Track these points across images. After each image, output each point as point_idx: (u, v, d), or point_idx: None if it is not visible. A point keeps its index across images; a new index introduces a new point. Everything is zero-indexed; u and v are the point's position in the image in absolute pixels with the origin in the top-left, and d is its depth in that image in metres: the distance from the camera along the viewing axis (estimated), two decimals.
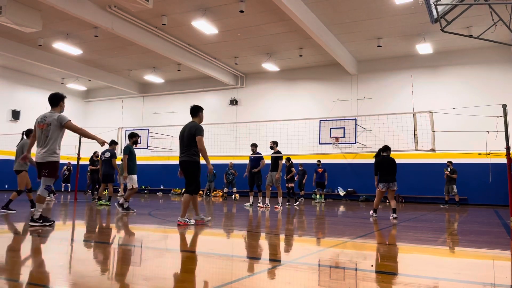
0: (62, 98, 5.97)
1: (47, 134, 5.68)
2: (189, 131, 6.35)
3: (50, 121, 5.71)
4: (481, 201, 15.21)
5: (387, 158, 8.57)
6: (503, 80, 15.34)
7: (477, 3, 7.51)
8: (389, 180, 8.37)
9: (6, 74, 20.50)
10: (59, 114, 5.82)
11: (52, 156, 5.72)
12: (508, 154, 8.23)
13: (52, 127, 5.69)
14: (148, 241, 5.18)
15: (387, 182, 8.37)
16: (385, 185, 8.37)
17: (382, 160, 8.56)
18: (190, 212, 6.88)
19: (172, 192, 20.51)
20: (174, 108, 21.94)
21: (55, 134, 5.71)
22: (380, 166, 8.50)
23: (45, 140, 5.71)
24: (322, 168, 15.76)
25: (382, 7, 12.64)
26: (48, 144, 5.69)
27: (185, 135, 6.38)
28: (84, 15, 12.24)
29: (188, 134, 6.33)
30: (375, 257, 4.33)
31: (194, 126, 6.38)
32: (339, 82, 18.14)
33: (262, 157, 11.75)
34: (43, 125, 5.72)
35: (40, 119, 5.81)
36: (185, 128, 6.49)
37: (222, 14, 13.29)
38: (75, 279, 3.00)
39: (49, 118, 5.73)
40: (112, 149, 11.45)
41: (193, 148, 6.31)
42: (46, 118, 5.75)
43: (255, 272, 3.34)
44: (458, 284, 3.00)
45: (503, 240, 5.72)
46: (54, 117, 5.74)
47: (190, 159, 6.31)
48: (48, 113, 5.85)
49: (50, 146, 5.69)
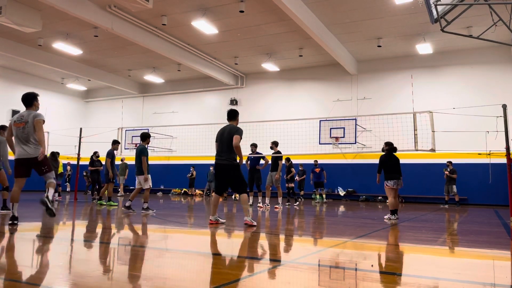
0: (35, 97, 6.01)
1: (26, 131, 5.73)
2: (229, 133, 6.37)
3: (28, 119, 5.76)
4: (481, 201, 15.21)
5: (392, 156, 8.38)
6: (503, 80, 15.33)
7: (477, 3, 7.51)
8: (396, 177, 8.17)
9: (6, 74, 20.50)
10: (35, 112, 5.90)
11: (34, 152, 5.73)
12: (508, 154, 8.23)
13: (30, 124, 5.76)
14: (148, 241, 5.18)
15: (397, 179, 8.16)
16: (395, 182, 8.15)
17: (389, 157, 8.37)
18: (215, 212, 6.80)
19: (172, 192, 20.51)
20: (174, 108, 21.94)
21: (32, 132, 5.75)
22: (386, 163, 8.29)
23: (26, 138, 5.74)
24: (319, 168, 15.75)
25: (382, 7, 12.64)
26: (30, 141, 5.73)
27: (224, 137, 6.41)
28: (84, 15, 12.24)
29: (228, 136, 6.36)
30: (375, 257, 4.33)
31: (234, 127, 6.46)
32: (339, 82, 18.14)
33: (263, 156, 11.72)
34: (21, 124, 5.78)
35: (16, 118, 5.88)
36: (223, 130, 6.51)
37: (222, 14, 13.29)
38: (75, 279, 3.00)
39: (26, 117, 5.80)
40: (112, 150, 11.48)
41: (233, 151, 6.35)
42: (24, 117, 5.81)
43: (255, 272, 3.34)
44: (458, 284, 3.00)
45: (503, 240, 5.72)
46: (31, 114, 5.82)
47: (230, 163, 6.36)
48: (25, 112, 5.91)
49: (34, 143, 5.74)
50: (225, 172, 6.42)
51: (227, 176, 6.43)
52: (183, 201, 14.36)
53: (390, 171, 8.21)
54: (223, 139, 6.41)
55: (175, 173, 20.46)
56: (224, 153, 6.37)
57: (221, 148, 6.42)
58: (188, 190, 19.61)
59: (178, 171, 20.10)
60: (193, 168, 19.11)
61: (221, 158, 6.39)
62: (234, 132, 6.35)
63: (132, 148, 20.59)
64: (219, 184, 6.56)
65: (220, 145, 6.44)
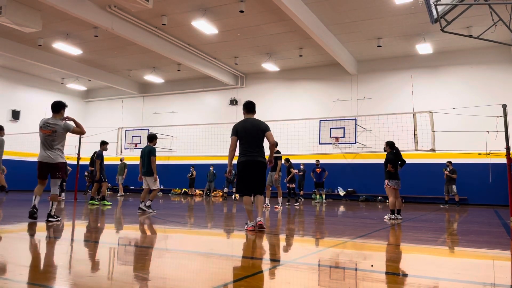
0: (63, 107, 6.51)
1: (53, 139, 6.23)
2: (258, 128, 5.79)
3: (55, 128, 6.24)
4: (481, 201, 15.21)
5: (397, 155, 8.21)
6: (503, 80, 15.33)
7: (477, 3, 7.51)
8: (398, 177, 8.10)
9: (6, 74, 20.51)
10: (65, 122, 6.37)
11: (62, 158, 6.33)
12: (508, 154, 8.22)
13: (58, 133, 6.26)
14: (148, 241, 5.18)
15: (398, 179, 8.06)
16: (397, 182, 8.03)
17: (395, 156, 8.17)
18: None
19: (172, 192, 20.51)
20: (174, 108, 21.94)
21: (60, 138, 6.30)
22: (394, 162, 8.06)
23: (51, 144, 6.25)
24: (320, 168, 15.73)
25: (382, 7, 12.64)
26: (55, 147, 6.26)
27: (253, 133, 5.77)
28: (84, 15, 12.24)
29: (258, 131, 5.77)
30: (375, 257, 4.33)
31: (261, 122, 5.92)
32: (339, 82, 18.14)
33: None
34: (47, 131, 6.24)
35: (42, 123, 6.29)
36: (247, 125, 5.82)
37: (222, 14, 13.29)
38: (75, 279, 3.00)
39: (53, 125, 6.25)
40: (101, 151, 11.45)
41: (263, 147, 5.87)
42: (50, 125, 6.25)
43: (255, 272, 3.34)
44: (458, 284, 3.00)
45: (503, 240, 5.72)
46: (60, 124, 6.29)
47: (264, 160, 5.83)
48: (51, 119, 6.34)
49: (58, 149, 6.29)
50: (260, 170, 5.77)
51: (259, 174, 5.78)
52: (183, 201, 14.36)
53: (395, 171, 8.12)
54: (251, 135, 5.77)
55: (175, 173, 20.45)
56: (258, 150, 5.78)
57: (253, 144, 5.76)
58: (188, 190, 19.61)
59: (178, 171, 20.10)
60: (193, 168, 19.11)
61: (255, 155, 5.74)
62: (267, 128, 5.86)
63: (132, 148, 20.61)
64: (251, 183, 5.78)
65: (251, 141, 5.76)
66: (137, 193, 20.89)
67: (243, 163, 5.75)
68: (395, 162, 8.09)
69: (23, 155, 18.52)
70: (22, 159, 18.68)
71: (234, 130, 5.83)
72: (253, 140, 5.75)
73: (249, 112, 5.98)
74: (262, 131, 5.78)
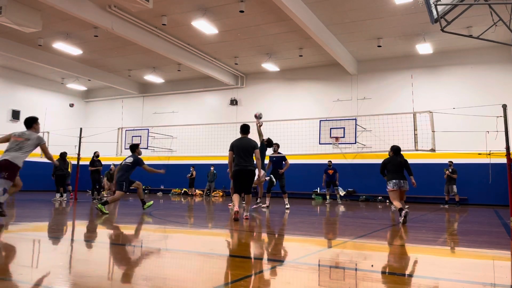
0: (35, 120, 6.85)
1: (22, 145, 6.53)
2: (249, 145, 7.47)
3: (29, 137, 6.62)
4: (481, 201, 15.21)
5: (393, 158, 8.03)
6: (503, 80, 15.33)
7: (477, 3, 7.51)
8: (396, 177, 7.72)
9: (6, 74, 20.50)
10: (38, 135, 6.79)
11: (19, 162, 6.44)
12: (508, 154, 8.22)
13: (30, 142, 6.60)
14: (148, 241, 5.18)
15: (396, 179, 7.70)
16: (395, 183, 7.68)
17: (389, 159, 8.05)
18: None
19: (172, 192, 20.51)
20: (174, 108, 21.94)
21: (28, 148, 6.59)
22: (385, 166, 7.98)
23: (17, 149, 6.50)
24: (332, 170, 15.56)
25: (382, 7, 12.64)
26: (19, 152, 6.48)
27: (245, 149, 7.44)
28: (84, 15, 12.24)
29: (248, 147, 7.46)
30: (375, 257, 4.33)
31: (252, 140, 7.61)
32: (339, 82, 18.14)
33: (285, 157, 11.24)
34: (20, 138, 6.57)
35: (18, 133, 6.67)
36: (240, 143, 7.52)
37: (222, 14, 13.29)
38: (75, 279, 3.00)
39: (28, 135, 6.65)
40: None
41: (252, 159, 7.50)
42: (25, 135, 6.64)
43: (255, 272, 3.34)
44: (458, 284, 3.00)
45: (503, 240, 5.72)
46: (34, 136, 6.69)
47: (252, 168, 7.48)
48: (27, 131, 6.73)
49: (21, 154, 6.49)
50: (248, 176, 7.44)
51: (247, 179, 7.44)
52: (183, 201, 14.36)
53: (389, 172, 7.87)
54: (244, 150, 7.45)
55: (175, 173, 20.44)
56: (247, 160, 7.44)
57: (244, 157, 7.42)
58: (188, 190, 19.61)
59: (178, 171, 20.09)
60: (193, 168, 19.11)
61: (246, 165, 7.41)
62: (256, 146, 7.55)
63: None
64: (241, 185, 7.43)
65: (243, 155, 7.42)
66: (136, 193, 20.89)
67: (236, 171, 7.42)
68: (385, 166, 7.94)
69: None
70: None
71: (231, 147, 7.56)
72: (244, 154, 7.42)
73: (244, 133, 7.68)
74: (252, 148, 7.47)
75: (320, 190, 17.67)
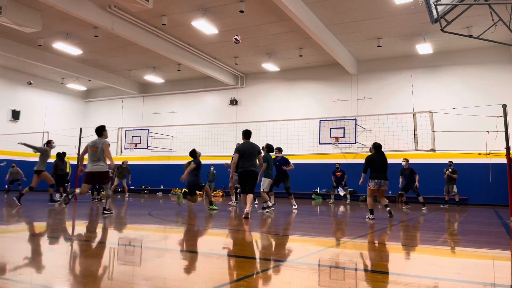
0: (103, 128, 8.17)
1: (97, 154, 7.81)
2: (253, 149, 8.11)
3: (98, 145, 7.87)
4: (481, 201, 15.21)
5: (377, 155, 8.15)
6: (503, 80, 15.33)
7: (477, 3, 7.52)
8: (380, 177, 7.98)
9: (6, 74, 20.51)
10: (105, 140, 8.01)
11: (104, 168, 7.89)
12: (508, 154, 8.22)
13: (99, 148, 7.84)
14: (148, 241, 5.18)
15: (378, 179, 7.96)
16: (377, 182, 7.94)
17: (373, 156, 8.18)
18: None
19: (172, 192, 20.50)
20: (174, 108, 21.94)
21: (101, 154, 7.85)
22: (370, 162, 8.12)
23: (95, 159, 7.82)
24: (340, 172, 15.38)
25: (382, 7, 12.64)
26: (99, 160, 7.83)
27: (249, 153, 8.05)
28: (84, 15, 12.24)
29: (253, 151, 8.10)
30: (375, 257, 4.33)
31: (256, 145, 8.26)
32: (339, 82, 18.14)
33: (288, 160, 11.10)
34: (94, 148, 7.84)
35: (91, 143, 7.95)
36: (245, 147, 8.12)
37: (222, 14, 13.29)
38: (75, 279, 3.00)
39: (98, 144, 7.89)
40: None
41: (256, 162, 8.13)
42: (96, 144, 7.89)
43: (255, 272, 3.34)
44: (458, 284, 3.00)
45: (503, 240, 5.72)
46: (101, 142, 7.93)
47: (255, 169, 8.12)
48: (97, 139, 7.99)
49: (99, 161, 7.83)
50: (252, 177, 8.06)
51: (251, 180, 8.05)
52: (183, 201, 14.36)
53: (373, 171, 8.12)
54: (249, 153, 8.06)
55: (175, 173, 20.41)
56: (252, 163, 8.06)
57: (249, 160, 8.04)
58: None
59: (178, 171, 20.04)
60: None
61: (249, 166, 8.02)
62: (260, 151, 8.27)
63: (132, 148, 20.60)
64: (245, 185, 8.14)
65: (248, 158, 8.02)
66: (136, 193, 20.90)
67: (241, 173, 8.06)
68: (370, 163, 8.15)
69: (23, 155, 18.50)
70: (22, 159, 18.67)
71: (236, 150, 8.21)
72: (249, 157, 8.04)
73: (247, 138, 8.28)
74: (257, 152, 8.15)
75: (320, 190, 17.68)
